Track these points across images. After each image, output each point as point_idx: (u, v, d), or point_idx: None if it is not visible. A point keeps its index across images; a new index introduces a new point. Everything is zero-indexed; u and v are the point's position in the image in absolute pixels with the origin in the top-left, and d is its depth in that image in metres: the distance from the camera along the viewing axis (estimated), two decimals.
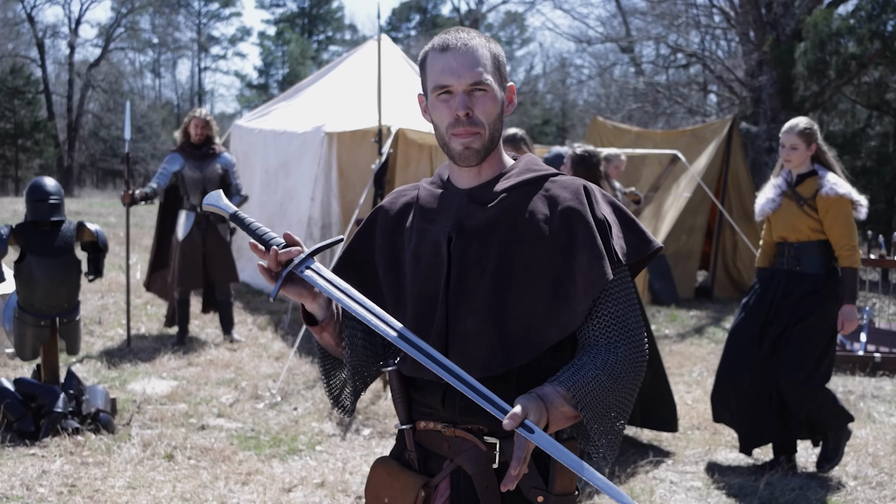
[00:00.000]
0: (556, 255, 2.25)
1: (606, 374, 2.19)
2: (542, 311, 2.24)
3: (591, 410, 2.17)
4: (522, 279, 2.25)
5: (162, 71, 59.82)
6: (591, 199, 2.30)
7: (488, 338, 2.24)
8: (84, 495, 5.19)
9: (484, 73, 2.26)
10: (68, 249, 6.47)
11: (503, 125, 2.37)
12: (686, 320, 11.90)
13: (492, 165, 2.36)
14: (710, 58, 25.13)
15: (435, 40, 2.32)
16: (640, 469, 6.07)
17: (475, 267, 2.28)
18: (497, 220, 2.29)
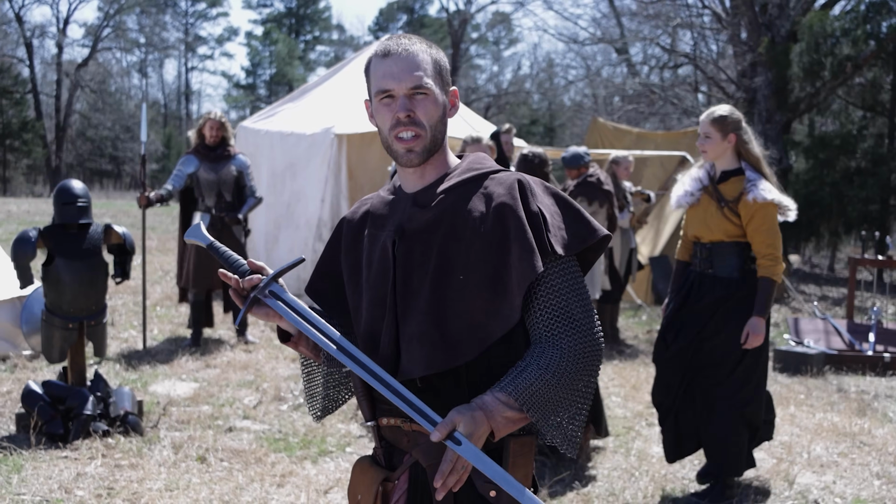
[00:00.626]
0: (491, 250, 2.28)
1: (551, 372, 2.23)
2: (482, 306, 2.28)
3: (538, 411, 2.22)
4: (460, 277, 2.29)
5: (149, 71, 59.60)
6: (526, 193, 2.33)
7: (430, 337, 2.28)
8: (123, 498, 5.21)
9: (424, 78, 2.33)
10: (96, 252, 6.48)
11: (446, 128, 2.41)
12: None
13: (435, 167, 2.42)
14: (702, 58, 25.23)
15: (377, 47, 2.40)
16: (669, 469, 6.12)
17: (419, 269, 2.33)
18: (437, 220, 2.34)
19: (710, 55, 24.67)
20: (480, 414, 2.18)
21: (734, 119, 5.40)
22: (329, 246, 2.60)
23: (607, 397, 7.84)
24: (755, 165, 5.41)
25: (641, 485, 5.76)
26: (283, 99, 14.04)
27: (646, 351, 9.89)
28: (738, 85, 22.03)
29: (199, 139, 9.10)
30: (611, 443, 6.65)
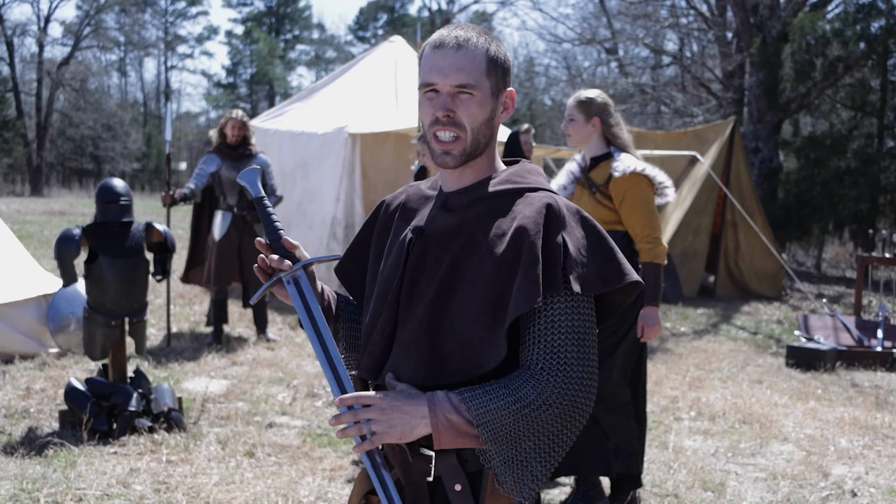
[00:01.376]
0: (499, 274, 2.14)
1: (517, 399, 2.06)
2: (478, 331, 2.13)
3: (489, 432, 2.05)
4: (465, 293, 2.16)
5: (128, 69, 59.31)
6: (553, 222, 2.16)
7: (421, 347, 2.17)
8: (182, 492, 5.28)
9: (472, 77, 2.18)
10: (138, 250, 6.54)
11: (493, 131, 2.27)
12: (697, 318, 12.14)
13: (475, 171, 2.28)
14: (688, 59, 25.46)
15: (434, 35, 2.26)
16: (704, 461, 6.25)
17: (430, 273, 2.22)
18: (458, 228, 2.23)
19: (697, 56, 24.85)
20: (423, 402, 2.08)
21: (599, 103, 5.20)
22: (364, 229, 2.51)
23: None
24: (623, 150, 5.23)
25: (681, 476, 5.88)
26: (291, 98, 14.09)
27: (658, 348, 10.05)
28: (727, 86, 22.27)
29: (221, 138, 9.16)
30: (647, 437, 6.76)
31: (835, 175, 18.44)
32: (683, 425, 7.10)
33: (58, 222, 22.90)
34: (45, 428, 6.45)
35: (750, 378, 8.75)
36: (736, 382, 8.52)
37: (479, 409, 2.05)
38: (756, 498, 5.62)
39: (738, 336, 11.07)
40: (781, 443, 6.77)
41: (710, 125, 15.13)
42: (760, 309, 13.31)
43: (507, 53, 2.28)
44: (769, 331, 11.53)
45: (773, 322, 12.27)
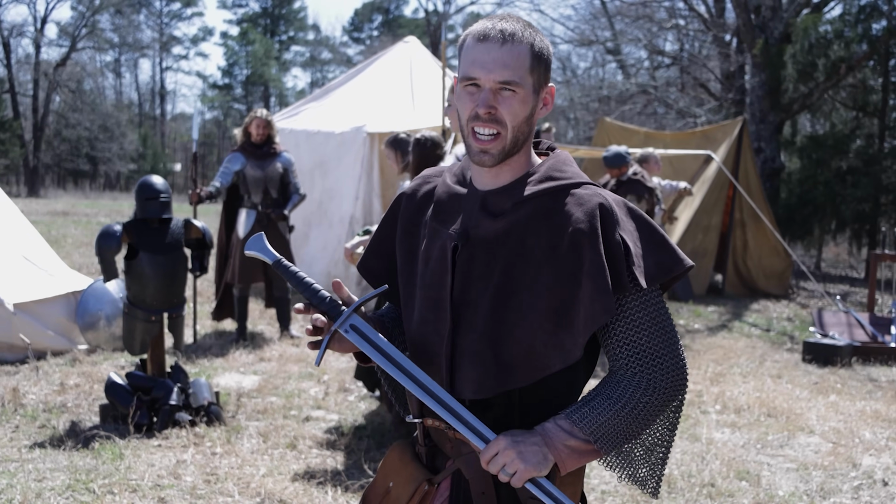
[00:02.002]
0: (560, 280, 2.11)
1: (622, 404, 2.13)
2: (542, 337, 2.12)
3: (607, 441, 2.12)
4: (524, 300, 2.13)
5: (123, 71, 59.29)
6: (608, 221, 2.13)
7: (484, 358, 2.15)
8: (232, 483, 5.37)
9: (516, 74, 2.12)
10: (178, 246, 6.63)
11: (532, 128, 2.22)
12: (709, 315, 12.27)
13: (513, 168, 2.22)
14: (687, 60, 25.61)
15: (477, 25, 2.18)
16: (735, 453, 6.37)
17: (480, 281, 2.17)
18: (507, 232, 2.16)
19: (698, 57, 25.00)
20: (538, 439, 2.10)
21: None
22: (384, 224, 2.44)
23: None
24: None
25: (714, 467, 6.00)
26: (305, 98, 14.19)
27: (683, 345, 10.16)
28: (729, 87, 22.42)
29: (245, 137, 9.25)
30: None
31: (836, 175, 18.59)
32: (711, 418, 7.22)
33: (63, 222, 22.94)
34: (87, 422, 6.54)
35: (769, 373, 8.88)
36: (756, 377, 8.64)
37: (591, 426, 2.10)
38: (791, 487, 5.74)
39: (752, 333, 11.19)
40: (808, 435, 6.90)
41: (719, 125, 15.26)
42: (769, 307, 13.44)
43: (550, 47, 2.22)
44: (781, 328, 11.67)
45: (783, 319, 12.40)
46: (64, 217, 25.38)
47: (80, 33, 49.19)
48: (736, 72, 22.88)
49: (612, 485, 5.61)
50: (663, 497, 5.46)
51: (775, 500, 5.48)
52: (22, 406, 6.82)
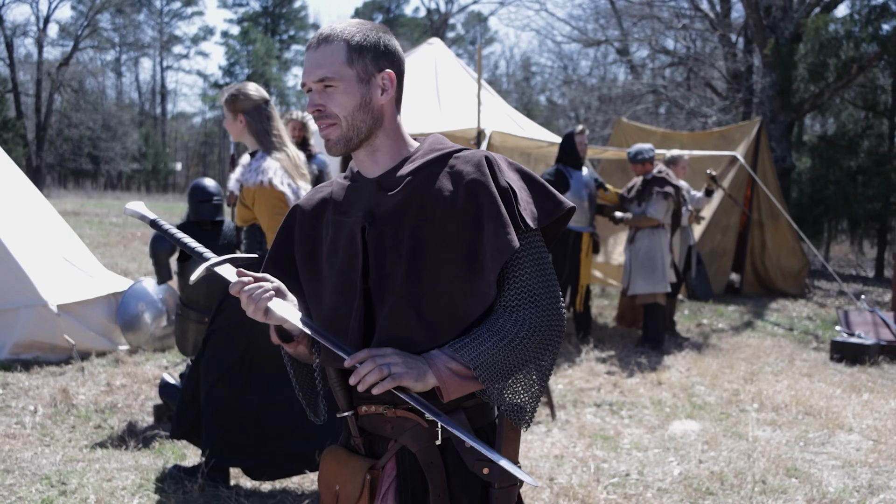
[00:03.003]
0: (465, 229, 2.27)
1: (501, 337, 2.23)
2: (459, 285, 2.26)
3: (485, 371, 2.20)
4: (436, 257, 2.27)
5: (123, 70, 59.28)
6: (494, 169, 2.32)
7: (406, 319, 2.26)
8: (296, 481, 5.47)
9: (331, 70, 2.28)
10: (230, 248, 6.72)
11: (375, 115, 2.34)
12: (730, 315, 12.38)
13: (389, 153, 2.40)
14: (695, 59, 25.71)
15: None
16: (780, 450, 6.47)
17: (392, 252, 2.31)
18: (406, 202, 2.32)
19: (706, 57, 25.10)
20: (422, 359, 2.21)
21: (243, 99, 5.12)
22: (280, 235, 2.56)
23: (691, 387, 8.20)
24: (272, 150, 5.11)
25: (762, 464, 6.10)
26: None
27: (708, 343, 10.29)
28: (737, 87, 22.52)
29: None
30: (718, 428, 6.99)
31: (847, 174, 18.72)
32: (751, 416, 7.32)
33: (75, 223, 22.95)
34: (141, 422, 6.63)
35: (799, 372, 8.99)
36: (788, 376, 8.75)
37: (472, 353, 2.19)
38: (840, 484, 5.84)
39: (776, 332, 11.30)
40: (847, 433, 7.00)
41: (737, 126, 15.37)
42: (788, 306, 13.56)
43: (382, 38, 2.35)
44: (804, 327, 11.78)
45: (803, 318, 12.52)
46: (75, 217, 25.42)
47: (82, 33, 49.19)
48: (742, 71, 23.00)
49: (668, 482, 5.71)
50: (717, 494, 5.56)
51: (827, 498, 5.58)
52: (73, 406, 6.91)
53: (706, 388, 8.21)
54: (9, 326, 8.24)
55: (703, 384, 8.32)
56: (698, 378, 8.53)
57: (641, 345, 9.61)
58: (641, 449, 6.40)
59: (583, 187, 9.53)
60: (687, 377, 8.55)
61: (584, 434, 6.68)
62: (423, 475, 2.32)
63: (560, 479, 5.63)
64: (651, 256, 9.53)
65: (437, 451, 2.31)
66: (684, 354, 9.56)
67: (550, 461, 6.01)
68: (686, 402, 7.71)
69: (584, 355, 9.20)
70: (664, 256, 9.55)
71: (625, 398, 7.76)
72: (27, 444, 6.07)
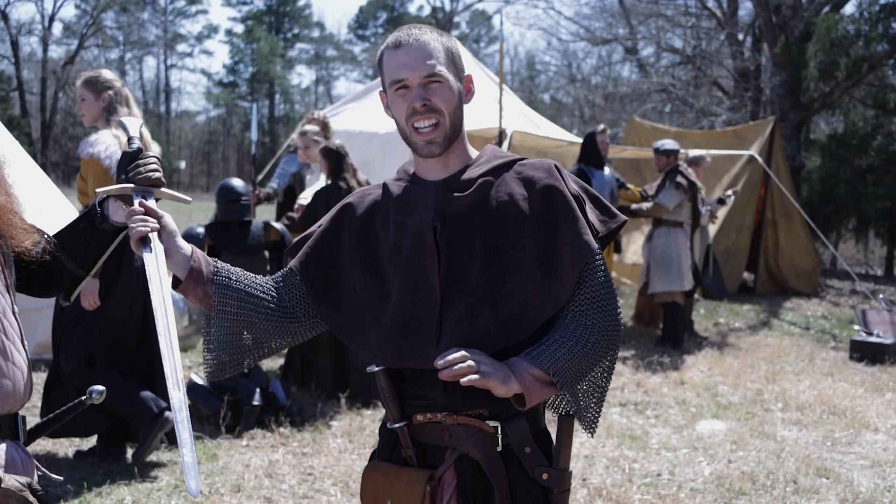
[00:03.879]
0: (539, 231, 2.31)
1: (575, 342, 2.26)
2: (534, 287, 2.30)
3: (563, 376, 2.23)
4: (511, 259, 2.31)
5: (127, 69, 59.23)
6: (564, 176, 2.38)
7: (483, 319, 2.28)
8: (331, 482, 5.47)
9: (437, 66, 2.32)
10: (258, 248, 6.73)
11: (463, 115, 2.42)
12: (746, 314, 12.38)
13: (458, 156, 2.43)
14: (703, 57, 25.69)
15: (389, 38, 2.39)
16: (808, 450, 6.47)
17: (463, 253, 2.32)
18: (477, 205, 2.34)
19: (714, 55, 25.09)
20: (504, 365, 2.22)
21: (104, 80, 5.43)
22: (326, 234, 2.54)
23: (714, 386, 8.20)
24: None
25: (791, 464, 6.10)
26: (345, 98, 14.23)
27: (726, 342, 10.29)
28: (747, 86, 22.50)
29: None
30: (744, 427, 6.99)
31: (857, 173, 18.69)
32: (776, 416, 7.33)
33: None
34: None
35: (820, 371, 8.98)
36: (809, 375, 8.75)
37: (550, 359, 2.23)
38: (871, 484, 5.84)
39: (792, 331, 11.31)
40: (873, 433, 7.00)
41: (751, 125, 15.35)
42: (802, 305, 13.56)
43: (458, 43, 2.48)
44: (820, 326, 11.77)
45: (819, 317, 12.51)
46: None
47: (86, 31, 49.17)
48: (753, 70, 22.97)
49: (700, 481, 5.71)
50: (750, 494, 5.56)
51: (861, 498, 5.58)
52: None
53: (729, 387, 8.21)
54: (32, 327, 8.23)
55: (726, 384, 8.32)
56: (721, 378, 8.53)
57: (662, 344, 9.61)
58: (670, 449, 6.40)
59: (605, 187, 9.53)
60: (709, 377, 8.55)
61: (611, 434, 6.68)
62: (483, 483, 2.31)
63: (593, 480, 5.64)
64: (668, 255, 9.53)
65: (500, 458, 2.30)
66: (704, 354, 9.56)
67: (581, 461, 6.01)
68: (710, 401, 7.71)
69: None
70: (681, 255, 9.55)
71: (649, 398, 7.76)
72: (57, 444, 6.08)
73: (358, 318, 2.44)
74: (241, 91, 58.87)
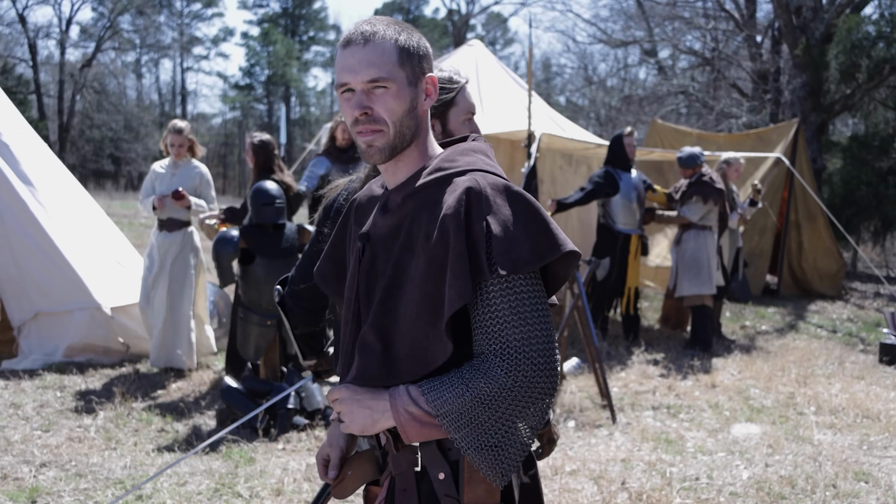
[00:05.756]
0: (431, 270, 2.11)
1: (469, 389, 2.07)
2: (423, 328, 2.12)
3: (451, 422, 2.08)
4: (407, 293, 2.15)
5: (143, 71, 59.46)
6: (474, 205, 2.10)
7: (374, 350, 2.18)
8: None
9: (383, 69, 2.13)
10: (293, 251, 6.73)
11: (418, 121, 2.23)
12: (771, 317, 12.34)
13: (407, 164, 2.25)
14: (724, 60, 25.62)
15: (344, 34, 2.20)
16: (844, 454, 6.43)
17: (380, 277, 2.21)
18: (397, 228, 2.20)
19: (733, 57, 25.02)
20: (383, 401, 2.13)
21: None
22: (338, 231, 2.48)
23: (746, 389, 8.16)
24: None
25: (829, 468, 6.06)
26: None
27: (755, 345, 10.24)
28: (767, 88, 22.44)
29: (331, 141, 9.30)
30: (779, 431, 6.96)
31: (879, 175, 18.60)
32: (809, 420, 7.29)
33: None
34: (204, 426, 6.64)
35: (851, 374, 8.94)
36: (841, 379, 8.70)
37: (437, 400, 2.07)
38: None
39: (819, 334, 11.25)
40: None
41: (774, 127, 15.29)
42: (827, 308, 13.50)
43: (422, 40, 2.24)
44: (847, 329, 11.72)
45: (844, 320, 12.45)
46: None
47: (103, 34, 49.38)
48: (773, 72, 22.90)
49: (739, 485, 5.68)
50: (790, 498, 5.54)
51: None
52: (133, 410, 6.93)
53: (761, 391, 8.17)
54: (63, 329, 8.27)
55: (758, 387, 8.28)
56: (752, 381, 8.49)
57: (691, 347, 9.57)
58: (706, 452, 6.37)
59: (632, 189, 9.51)
60: (740, 380, 8.52)
61: (646, 437, 6.66)
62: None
63: (632, 484, 5.61)
64: (697, 258, 9.49)
65: (412, 478, 2.22)
66: (734, 357, 9.52)
67: (619, 465, 5.99)
68: (743, 405, 7.68)
69: (635, 358, 9.17)
70: (710, 258, 9.51)
71: (681, 401, 7.73)
72: (93, 447, 6.10)
73: None
74: (257, 94, 58.99)
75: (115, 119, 46.96)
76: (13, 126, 8.82)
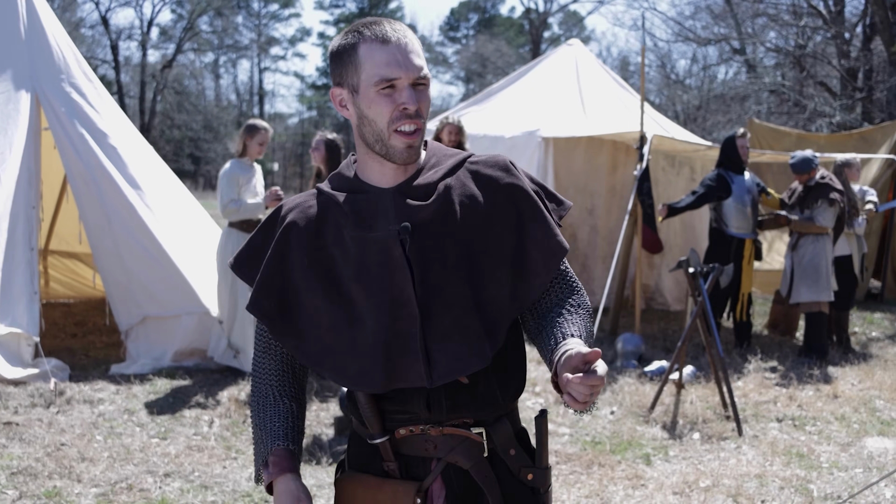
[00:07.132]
0: (507, 231, 2.22)
1: (587, 322, 2.27)
2: (507, 291, 2.20)
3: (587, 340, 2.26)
4: (484, 264, 2.20)
5: (221, 72, 60.20)
6: (521, 173, 2.29)
7: (474, 330, 2.17)
8: None
9: (425, 68, 2.18)
10: None
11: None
12: (880, 323, 11.95)
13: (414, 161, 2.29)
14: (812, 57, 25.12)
15: (364, 31, 2.15)
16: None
17: (436, 263, 2.17)
18: (443, 212, 2.20)
19: (822, 56, 24.50)
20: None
21: None
22: (272, 259, 2.29)
23: (870, 400, 7.87)
24: None
25: None
26: (466, 102, 14.17)
27: (870, 353, 9.88)
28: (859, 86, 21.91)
29: None
30: None
31: None
32: None
33: None
34: (323, 435, 6.57)
35: None
36: None
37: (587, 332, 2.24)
38: None
39: None
40: None
41: (878, 127, 14.87)
42: None
43: None
44: None
45: None
46: None
47: (183, 35, 50.09)
48: (867, 70, 22.37)
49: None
50: None
51: None
52: (248, 417, 6.87)
53: (886, 402, 7.87)
54: (171, 333, 8.29)
55: (882, 398, 7.98)
56: (875, 392, 8.18)
57: (806, 355, 9.25)
58: (842, 468, 6.12)
59: (745, 192, 9.23)
60: (862, 390, 8.21)
61: (776, 451, 6.43)
62: (473, 491, 2.23)
63: (772, 503, 5.40)
64: (815, 264, 9.18)
65: (488, 465, 2.23)
66: (851, 365, 9.19)
67: (753, 481, 5.78)
68: (870, 417, 7.39)
69: (750, 366, 8.89)
70: (829, 264, 9.21)
71: (805, 412, 7.46)
72: (214, 457, 6.05)
73: (326, 344, 2.23)
74: None
75: (194, 119, 47.64)
76: (120, 129, 8.84)
